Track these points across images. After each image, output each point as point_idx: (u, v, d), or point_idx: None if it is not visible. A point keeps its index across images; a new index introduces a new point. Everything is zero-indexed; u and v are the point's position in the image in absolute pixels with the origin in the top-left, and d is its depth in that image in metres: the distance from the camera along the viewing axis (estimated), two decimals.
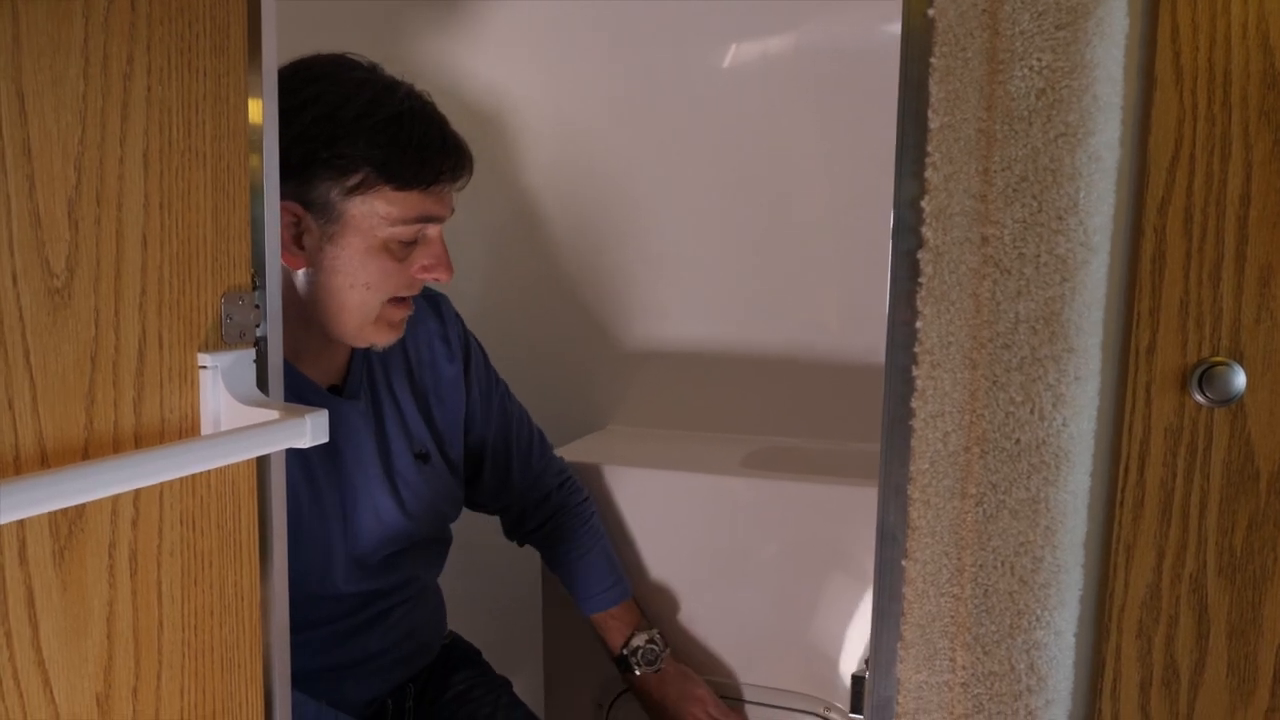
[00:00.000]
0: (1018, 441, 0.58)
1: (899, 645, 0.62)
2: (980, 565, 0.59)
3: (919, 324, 0.59)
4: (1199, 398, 0.63)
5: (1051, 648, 0.59)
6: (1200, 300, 0.63)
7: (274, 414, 0.68)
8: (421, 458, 1.09)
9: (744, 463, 1.39)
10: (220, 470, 0.71)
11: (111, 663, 0.64)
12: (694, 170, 1.53)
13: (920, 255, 0.59)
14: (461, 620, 1.31)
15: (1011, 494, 0.58)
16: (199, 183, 0.68)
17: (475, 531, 1.31)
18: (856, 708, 0.65)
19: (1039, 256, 0.57)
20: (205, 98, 0.68)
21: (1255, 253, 0.62)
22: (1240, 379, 0.62)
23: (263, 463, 0.75)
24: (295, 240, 0.92)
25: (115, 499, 0.63)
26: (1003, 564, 0.59)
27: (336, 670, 1.04)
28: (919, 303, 0.59)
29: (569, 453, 1.42)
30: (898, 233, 0.60)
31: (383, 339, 0.98)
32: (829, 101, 1.44)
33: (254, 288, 0.73)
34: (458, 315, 1.19)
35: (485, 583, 1.58)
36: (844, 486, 1.27)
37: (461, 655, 1.24)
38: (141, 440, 0.65)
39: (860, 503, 1.24)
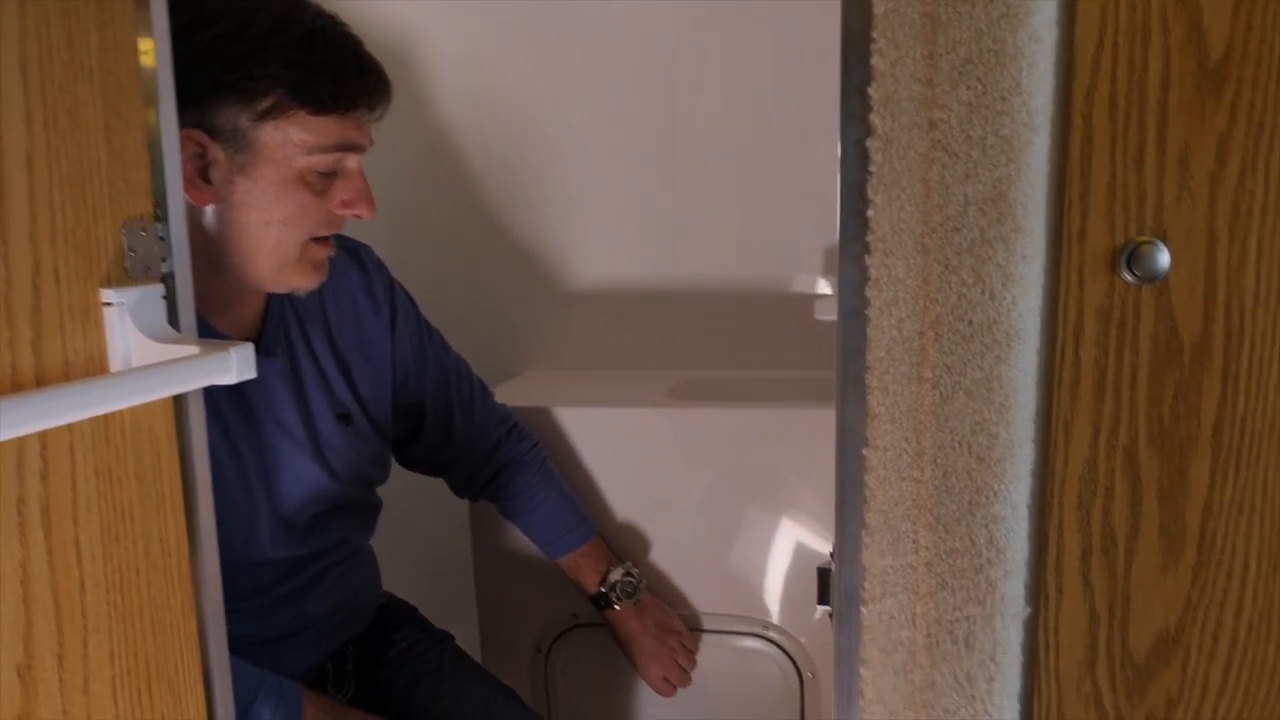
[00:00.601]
0: (970, 323, 0.59)
1: (863, 533, 0.63)
2: (939, 446, 0.61)
3: (870, 212, 0.59)
4: (1127, 277, 0.66)
5: (1009, 520, 0.61)
6: (1126, 183, 0.65)
7: (193, 349, 0.63)
8: (343, 419, 1.03)
9: (669, 395, 1.39)
10: (135, 416, 0.65)
11: (31, 630, 0.58)
12: (604, 106, 1.50)
13: (869, 143, 0.59)
14: (392, 580, 1.27)
15: (966, 374, 0.60)
16: (87, 99, 0.61)
17: (401, 491, 1.26)
18: (823, 599, 0.66)
19: (985, 139, 0.57)
20: (87, 2, 0.61)
21: (1174, 135, 0.65)
22: (1164, 257, 0.65)
23: (180, 407, 0.69)
24: (201, 173, 0.85)
25: (20, 450, 0.57)
26: (960, 444, 0.60)
27: (274, 641, 0.98)
28: (870, 191, 0.59)
29: None
30: (845, 121, 0.60)
31: (304, 282, 0.92)
32: (739, 32, 1.43)
33: (156, 219, 0.67)
34: (381, 264, 1.12)
35: (413, 541, 1.53)
36: (771, 410, 1.29)
37: (399, 614, 1.21)
38: (44, 384, 0.59)
39: (788, 425, 1.26)
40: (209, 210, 0.86)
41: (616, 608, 1.23)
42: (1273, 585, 0.68)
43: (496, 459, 1.22)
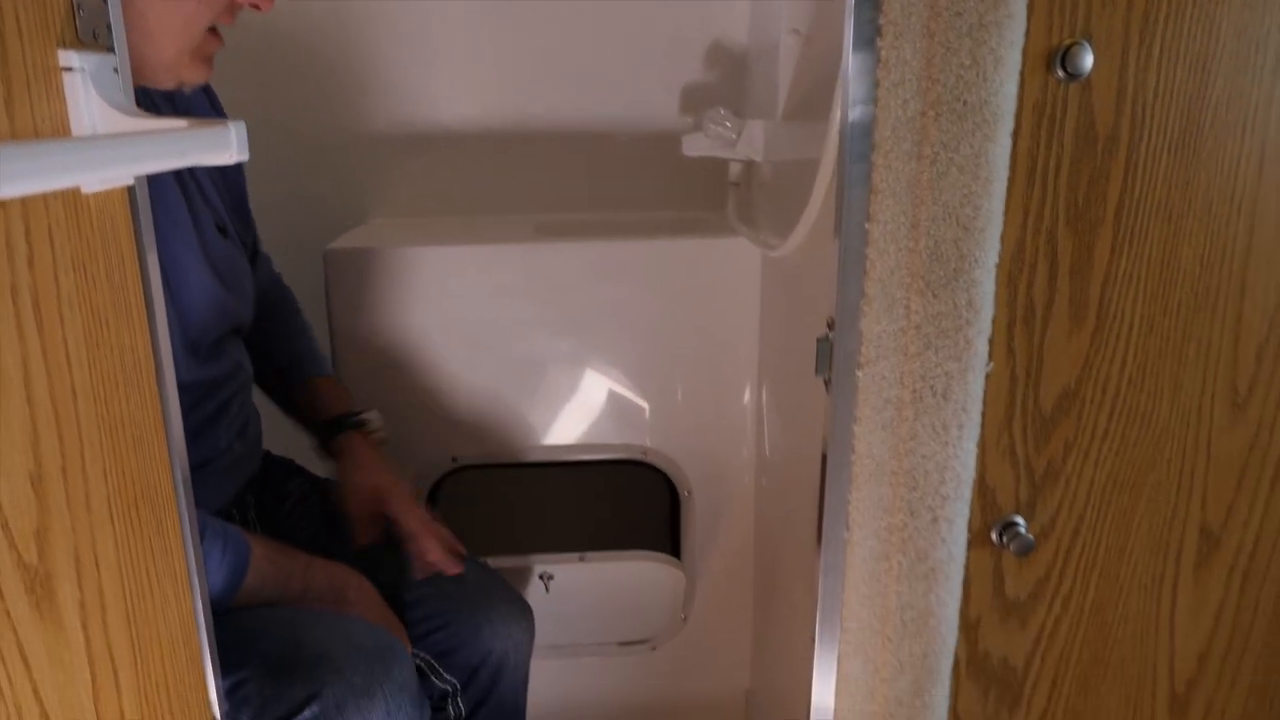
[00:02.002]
0: (965, 103, 0.65)
1: (862, 302, 0.69)
2: (932, 219, 0.67)
3: None
4: (1059, 74, 0.74)
5: (984, 284, 0.70)
6: None
7: (180, 123, 0.56)
8: (221, 230, 0.96)
9: (538, 230, 1.37)
10: (100, 206, 0.57)
11: (38, 437, 0.51)
12: None
13: None
14: None
15: (959, 151, 0.66)
16: None
17: None
18: (821, 368, 0.72)
19: None
20: None
21: None
22: (1089, 57, 0.74)
23: (133, 201, 0.62)
24: None
25: (7, 229, 0.49)
26: (950, 215, 0.67)
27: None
28: None
29: (339, 245, 1.31)
30: None
31: (196, 76, 0.82)
32: None
33: None
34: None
35: None
36: (642, 242, 1.31)
37: (283, 467, 1.15)
38: None
39: (659, 256, 1.29)
40: None
41: (368, 429, 1.14)
42: (1148, 343, 0.82)
43: (279, 285, 1.20)
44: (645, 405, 1.36)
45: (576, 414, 1.35)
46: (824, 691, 0.81)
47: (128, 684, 0.60)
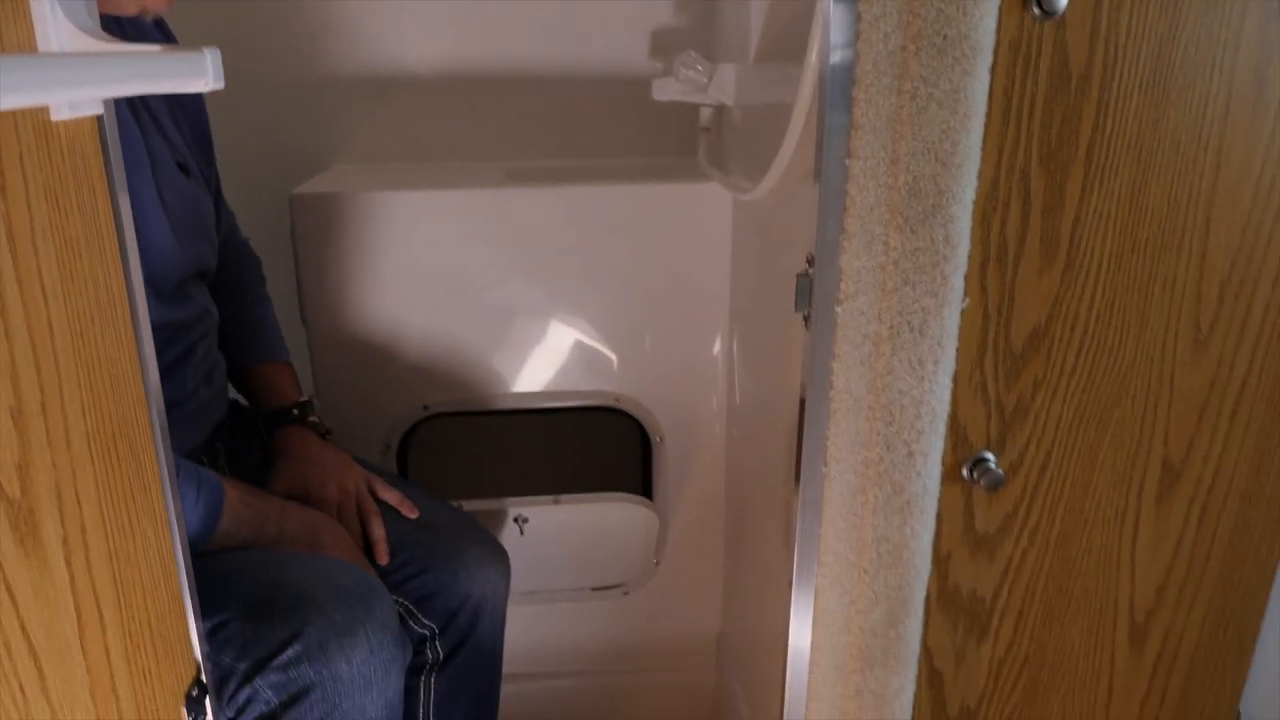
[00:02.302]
0: (945, 37, 0.65)
1: (841, 238, 0.69)
2: (912, 154, 0.68)
3: None
4: (1035, 11, 0.75)
5: (961, 220, 0.70)
6: None
7: (152, 49, 0.54)
8: (182, 168, 0.94)
9: (508, 175, 1.36)
10: (70, 136, 0.56)
11: (17, 370, 0.50)
12: None
13: None
14: None
15: (939, 86, 0.66)
16: None
17: None
18: (800, 304, 0.73)
19: None
20: None
21: None
22: None
23: (102, 132, 0.60)
24: None
25: None
26: (928, 150, 0.68)
27: None
28: None
29: (305, 190, 1.28)
30: None
31: (160, 0, 0.80)
32: None
33: None
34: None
35: None
36: (613, 187, 1.31)
37: (249, 417, 1.13)
38: None
39: (626, 201, 1.29)
40: None
41: (312, 418, 1.12)
42: (1115, 281, 0.84)
43: (236, 242, 1.16)
44: (616, 352, 1.36)
45: (547, 361, 1.35)
46: (802, 624, 0.82)
47: (112, 622, 0.60)
